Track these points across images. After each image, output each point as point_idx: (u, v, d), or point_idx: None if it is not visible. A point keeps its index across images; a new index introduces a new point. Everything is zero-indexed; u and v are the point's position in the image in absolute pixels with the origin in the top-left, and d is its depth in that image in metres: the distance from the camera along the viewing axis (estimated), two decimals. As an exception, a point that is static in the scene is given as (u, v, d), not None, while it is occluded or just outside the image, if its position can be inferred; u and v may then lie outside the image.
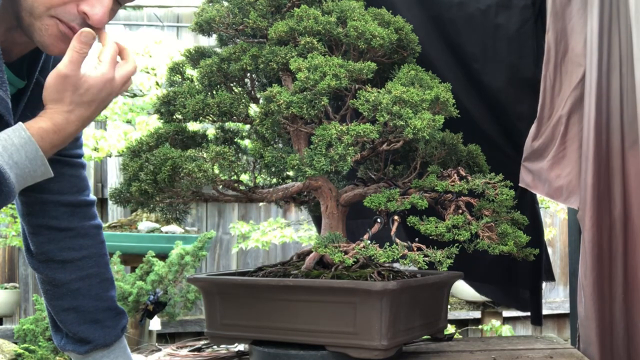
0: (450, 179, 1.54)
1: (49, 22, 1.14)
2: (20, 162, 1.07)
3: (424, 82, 1.54)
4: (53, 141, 1.11)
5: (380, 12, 1.62)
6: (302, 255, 1.68)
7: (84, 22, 1.15)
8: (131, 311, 3.13)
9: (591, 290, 1.78)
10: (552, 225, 4.63)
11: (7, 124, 1.16)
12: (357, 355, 1.44)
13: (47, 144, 1.10)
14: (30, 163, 1.08)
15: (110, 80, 1.14)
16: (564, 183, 1.88)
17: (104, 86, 1.13)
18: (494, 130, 1.99)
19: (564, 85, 1.90)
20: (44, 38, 1.15)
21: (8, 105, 1.15)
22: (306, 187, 1.60)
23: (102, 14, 1.15)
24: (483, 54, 1.97)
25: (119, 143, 3.41)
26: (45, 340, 3.16)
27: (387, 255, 1.38)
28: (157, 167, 1.46)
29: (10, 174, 1.05)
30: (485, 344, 1.82)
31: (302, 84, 1.43)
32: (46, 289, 1.49)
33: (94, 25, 1.15)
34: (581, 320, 1.87)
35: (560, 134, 1.88)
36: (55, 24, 1.14)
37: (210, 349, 1.86)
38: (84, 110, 1.13)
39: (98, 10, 1.15)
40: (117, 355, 1.53)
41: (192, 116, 1.56)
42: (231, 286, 1.58)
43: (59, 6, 1.13)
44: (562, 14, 1.88)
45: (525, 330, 4.58)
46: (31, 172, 1.09)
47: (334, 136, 1.41)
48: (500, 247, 1.44)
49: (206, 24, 1.63)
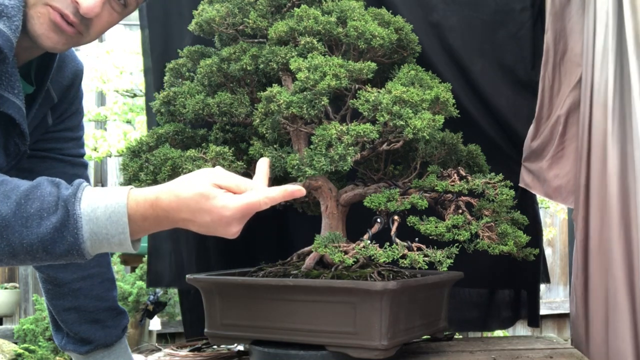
0: (450, 179, 1.54)
1: (42, 10, 1.13)
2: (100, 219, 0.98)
3: (424, 82, 1.54)
4: (145, 227, 1.01)
5: (380, 12, 1.62)
6: (302, 255, 1.68)
7: (76, 11, 1.14)
8: (131, 311, 3.13)
9: (582, 290, 1.79)
10: (552, 225, 4.63)
11: (22, 132, 1.16)
12: (357, 355, 1.44)
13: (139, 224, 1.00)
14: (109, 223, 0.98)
15: (227, 222, 1.00)
16: (563, 183, 1.89)
17: (220, 223, 1.00)
18: (494, 130, 2.00)
19: (562, 85, 1.91)
20: (36, 27, 1.14)
21: (24, 113, 1.16)
22: (306, 187, 1.61)
23: (93, 4, 1.14)
24: (482, 55, 1.97)
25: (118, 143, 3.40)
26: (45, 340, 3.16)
27: (387, 255, 1.38)
28: (157, 167, 1.46)
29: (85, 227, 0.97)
30: (485, 344, 1.82)
31: (302, 84, 1.43)
32: (47, 288, 1.50)
33: (84, 15, 1.15)
34: (572, 319, 1.87)
35: (558, 134, 1.88)
36: (47, 12, 1.13)
37: (210, 349, 1.86)
38: (191, 224, 1.01)
39: (89, 0, 1.14)
40: (117, 356, 1.54)
41: (192, 116, 1.57)
42: (231, 286, 1.58)
43: None
44: (561, 14, 1.89)
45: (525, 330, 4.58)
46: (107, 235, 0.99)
47: (334, 136, 1.41)
48: (500, 247, 1.44)
49: (206, 24, 1.63)
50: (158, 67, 1.98)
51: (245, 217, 1.00)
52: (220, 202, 0.98)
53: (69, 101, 1.42)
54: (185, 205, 0.98)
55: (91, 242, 0.98)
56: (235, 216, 0.99)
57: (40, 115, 1.33)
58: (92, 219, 0.97)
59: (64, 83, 1.38)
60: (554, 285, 4.72)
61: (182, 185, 0.99)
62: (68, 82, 1.39)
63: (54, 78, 1.33)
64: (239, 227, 1.01)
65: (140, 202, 0.99)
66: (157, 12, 2.04)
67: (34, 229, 0.95)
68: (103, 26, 1.21)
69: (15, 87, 1.11)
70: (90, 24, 1.18)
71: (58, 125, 1.42)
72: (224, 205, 0.98)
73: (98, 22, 1.19)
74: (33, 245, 0.95)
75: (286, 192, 1.02)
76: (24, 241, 0.95)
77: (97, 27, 1.20)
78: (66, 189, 0.98)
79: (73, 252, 0.97)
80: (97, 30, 1.21)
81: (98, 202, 0.97)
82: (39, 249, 0.96)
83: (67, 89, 1.40)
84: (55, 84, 1.34)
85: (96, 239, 0.98)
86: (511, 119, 1.99)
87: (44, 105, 1.32)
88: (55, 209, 0.96)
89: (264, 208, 1.00)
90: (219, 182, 0.99)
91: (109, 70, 3.50)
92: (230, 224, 1.00)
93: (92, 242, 0.98)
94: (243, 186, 1.00)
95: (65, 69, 1.37)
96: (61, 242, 0.96)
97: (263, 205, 1.00)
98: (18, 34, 1.09)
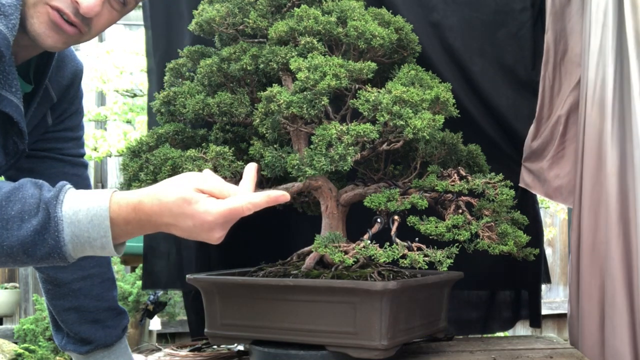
0: (450, 179, 1.54)
1: (42, 10, 1.13)
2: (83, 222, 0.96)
3: (424, 82, 1.54)
4: (127, 231, 1.00)
5: (380, 12, 1.62)
6: (302, 255, 1.68)
7: (76, 10, 1.15)
8: (131, 311, 3.13)
9: (576, 290, 1.79)
10: (552, 225, 4.63)
11: (20, 131, 1.16)
12: (357, 355, 1.44)
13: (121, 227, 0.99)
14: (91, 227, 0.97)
15: (210, 227, 0.99)
16: (563, 183, 1.89)
17: (202, 228, 0.99)
18: (494, 130, 2.00)
19: (563, 85, 1.91)
20: (36, 26, 1.14)
21: (22, 112, 1.15)
22: (306, 187, 1.61)
23: (92, 4, 1.15)
24: (482, 55, 1.97)
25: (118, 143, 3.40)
26: (45, 340, 3.16)
27: (387, 255, 1.38)
28: (157, 167, 1.46)
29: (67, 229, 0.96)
30: (485, 344, 1.82)
31: (302, 83, 1.43)
32: (47, 288, 1.50)
33: (84, 15, 1.15)
34: (569, 319, 1.87)
35: (559, 134, 1.88)
36: (46, 11, 1.13)
37: (210, 348, 1.86)
38: (174, 228, 1.00)
39: (89, 0, 1.14)
40: (118, 356, 1.53)
41: (192, 116, 1.57)
42: (231, 286, 1.58)
43: None
44: (561, 14, 1.89)
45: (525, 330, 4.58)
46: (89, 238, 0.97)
47: (334, 136, 1.41)
48: (500, 247, 1.44)
49: (206, 24, 1.63)
50: (160, 68, 1.98)
51: (228, 222, 0.99)
52: (202, 207, 0.96)
53: (68, 101, 1.42)
54: (168, 209, 0.97)
55: (73, 245, 0.96)
56: (218, 221, 0.97)
57: (40, 115, 1.33)
58: (74, 221, 0.95)
59: (63, 83, 1.38)
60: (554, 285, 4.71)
61: (165, 189, 0.98)
62: (67, 82, 1.39)
63: (53, 77, 1.33)
64: (222, 232, 1.00)
65: (123, 205, 0.97)
66: (159, 13, 2.04)
67: (15, 231, 0.94)
68: (103, 25, 1.21)
69: (12, 85, 1.11)
70: (90, 22, 1.18)
71: (58, 125, 1.42)
72: (206, 210, 0.96)
73: (98, 21, 1.19)
74: (13, 247, 0.94)
75: (270, 197, 1.00)
76: (4, 243, 0.94)
77: (97, 26, 1.20)
78: (48, 191, 0.97)
79: (54, 255, 0.96)
80: (97, 29, 1.21)
81: (80, 204, 0.96)
82: (19, 252, 0.95)
83: (67, 89, 1.40)
84: (55, 84, 1.34)
85: (78, 242, 0.96)
86: (511, 119, 1.99)
87: (43, 105, 1.32)
88: (36, 212, 0.95)
89: (247, 214, 0.99)
90: (202, 187, 0.98)
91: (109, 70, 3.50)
92: (212, 229, 0.98)
93: (73, 245, 0.96)
94: (226, 191, 0.99)
95: (64, 68, 1.37)
96: (42, 245, 0.95)
97: (246, 211, 0.98)
98: (15, 32, 1.09)
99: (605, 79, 1.69)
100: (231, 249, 2.00)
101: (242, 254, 1.96)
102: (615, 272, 1.64)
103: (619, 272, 1.64)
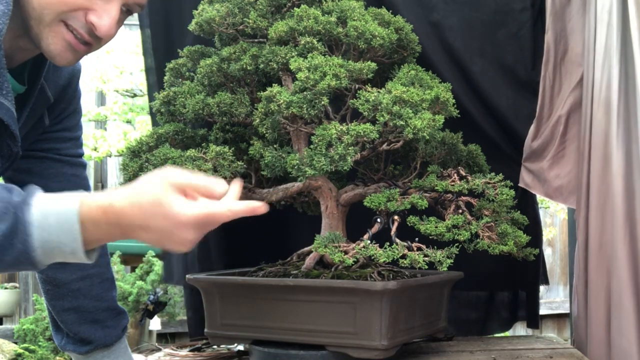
0: (450, 179, 1.54)
1: (57, 30, 1.13)
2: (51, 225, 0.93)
3: (424, 82, 1.54)
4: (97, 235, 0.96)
5: (380, 12, 1.62)
6: (302, 255, 1.68)
7: (91, 31, 1.15)
8: (131, 311, 3.13)
9: (583, 290, 1.79)
10: (552, 225, 4.63)
11: (12, 134, 1.16)
12: (357, 355, 1.44)
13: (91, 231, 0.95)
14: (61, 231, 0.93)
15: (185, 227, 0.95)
16: (564, 183, 1.88)
17: (176, 227, 0.95)
18: (494, 130, 2.00)
19: (563, 85, 1.91)
20: (51, 47, 1.14)
21: (13, 114, 1.15)
22: (306, 187, 1.61)
23: (109, 26, 1.15)
24: (482, 55, 1.97)
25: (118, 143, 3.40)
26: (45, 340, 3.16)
27: (387, 255, 1.38)
28: (157, 167, 1.46)
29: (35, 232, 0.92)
30: (485, 344, 1.82)
31: (302, 83, 1.43)
32: (47, 288, 1.49)
33: (101, 37, 1.16)
34: (574, 320, 1.87)
35: (559, 134, 1.88)
36: (62, 33, 1.14)
37: (210, 348, 1.86)
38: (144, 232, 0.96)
39: (105, 21, 1.14)
40: (117, 356, 1.53)
41: (192, 116, 1.57)
42: (231, 286, 1.58)
43: (68, 12, 1.13)
44: (561, 14, 1.89)
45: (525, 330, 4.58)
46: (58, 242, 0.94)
47: (334, 136, 1.41)
48: (500, 247, 1.44)
49: (206, 23, 1.63)
50: (161, 67, 1.97)
51: (205, 225, 0.96)
52: (177, 207, 0.93)
53: (66, 101, 1.42)
54: (139, 208, 0.93)
55: (43, 251, 0.93)
56: (190, 222, 0.93)
57: (36, 116, 1.33)
58: (44, 225, 0.92)
59: (60, 83, 1.37)
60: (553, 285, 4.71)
61: (136, 187, 0.95)
62: (65, 82, 1.39)
63: (50, 78, 1.32)
64: (195, 235, 0.96)
65: (93, 208, 0.94)
66: (158, 12, 2.04)
67: None
68: (111, 37, 1.22)
69: (3, 87, 1.10)
70: (100, 39, 1.19)
71: (56, 125, 1.41)
72: (179, 212, 0.93)
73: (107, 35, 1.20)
74: None
75: (249, 207, 0.98)
76: None
77: (106, 40, 1.21)
78: (18, 195, 0.94)
79: (23, 260, 0.93)
80: (106, 41, 1.22)
81: (50, 208, 0.93)
82: None
83: (64, 89, 1.39)
84: (52, 84, 1.34)
85: (48, 247, 0.93)
86: (511, 119, 1.99)
87: (39, 106, 1.32)
88: (4, 216, 0.91)
89: (225, 220, 0.96)
90: (177, 182, 0.94)
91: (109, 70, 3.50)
92: (187, 229, 0.94)
93: (43, 250, 0.93)
94: (203, 187, 0.95)
95: (61, 68, 1.37)
96: (10, 250, 0.92)
97: (224, 218, 0.96)
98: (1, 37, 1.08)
99: (610, 79, 1.69)
100: (231, 249, 2.00)
101: (242, 254, 1.96)
102: (622, 272, 1.64)
103: (625, 272, 1.64)
